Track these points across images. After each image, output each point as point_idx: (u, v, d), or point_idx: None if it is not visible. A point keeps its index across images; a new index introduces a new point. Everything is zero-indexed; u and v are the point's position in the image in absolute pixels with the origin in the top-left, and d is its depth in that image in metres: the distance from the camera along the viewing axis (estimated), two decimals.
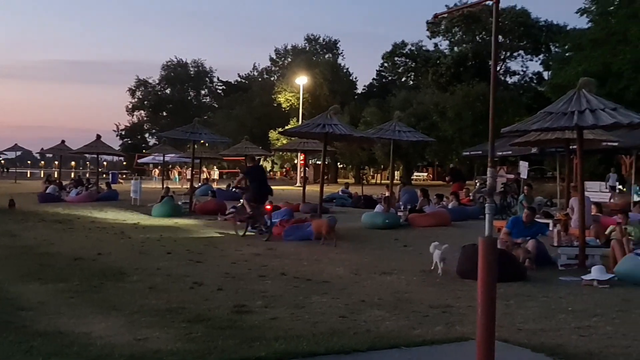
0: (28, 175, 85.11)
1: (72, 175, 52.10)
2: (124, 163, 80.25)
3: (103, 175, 46.96)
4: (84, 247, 13.19)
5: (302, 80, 57.63)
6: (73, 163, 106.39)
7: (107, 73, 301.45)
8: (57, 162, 46.42)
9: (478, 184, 27.78)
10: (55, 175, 40.32)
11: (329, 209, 21.94)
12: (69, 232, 16.36)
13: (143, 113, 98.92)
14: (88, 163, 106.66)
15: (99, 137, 30.69)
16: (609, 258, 10.68)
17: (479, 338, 4.86)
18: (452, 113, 44.94)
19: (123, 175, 65.03)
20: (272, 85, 72.51)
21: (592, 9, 38.31)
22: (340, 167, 71.42)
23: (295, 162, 59.17)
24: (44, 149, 40.86)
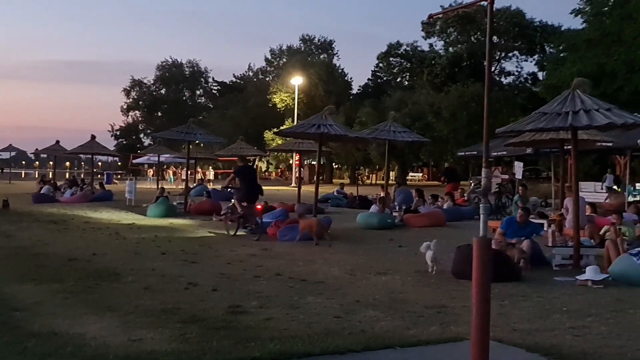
0: (22, 176, 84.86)
1: (66, 176, 52.08)
2: (119, 163, 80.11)
3: (98, 176, 46.83)
4: (79, 247, 13.16)
5: (297, 81, 57.68)
6: (68, 163, 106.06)
7: (101, 73, 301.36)
8: (51, 162, 46.26)
9: (472, 185, 27.86)
10: (50, 176, 40.27)
11: (324, 210, 21.97)
12: (64, 232, 16.32)
13: (138, 113, 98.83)
14: (83, 163, 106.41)
15: (94, 137, 30.70)
16: (603, 258, 10.70)
17: (474, 338, 4.87)
18: (447, 113, 44.99)
19: (118, 176, 64.91)
20: (267, 86, 72.51)
21: (586, 10, 38.35)
22: (336, 167, 71.52)
23: (291, 162, 59.18)
24: (39, 150, 40.77)
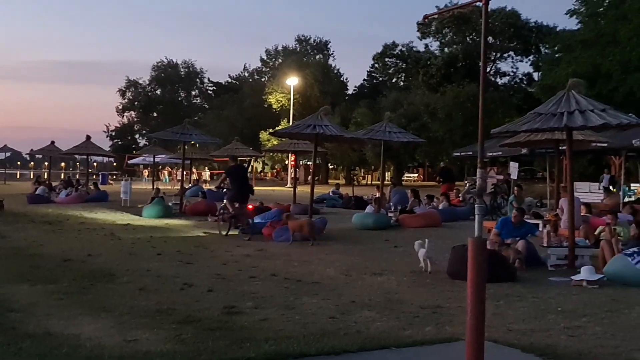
0: (17, 177, 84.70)
1: (61, 176, 51.89)
2: (114, 164, 79.92)
3: (93, 177, 46.77)
4: (74, 248, 13.14)
5: (292, 81, 57.68)
6: (63, 164, 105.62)
7: (97, 74, 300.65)
8: (46, 163, 46.23)
9: (468, 185, 27.87)
10: (45, 176, 40.23)
11: (320, 210, 21.95)
12: (59, 233, 16.29)
13: (133, 114, 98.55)
14: (78, 164, 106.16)
15: (89, 138, 30.64)
16: (598, 258, 10.71)
17: (469, 338, 4.87)
18: (442, 114, 45.02)
19: (113, 176, 64.81)
20: (262, 86, 72.44)
21: (581, 11, 38.45)
22: (331, 167, 71.47)
23: (286, 163, 59.18)
24: (34, 150, 40.71)
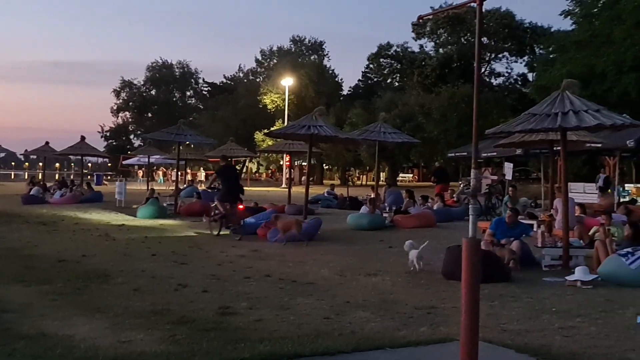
0: (12, 177, 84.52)
1: (56, 177, 51.75)
2: (109, 164, 79.82)
3: (88, 177, 46.64)
4: (68, 249, 13.11)
5: (287, 82, 57.64)
6: (57, 164, 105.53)
7: (91, 74, 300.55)
8: (41, 163, 46.04)
9: (462, 185, 27.91)
10: (39, 177, 40.07)
11: (315, 211, 21.95)
12: (53, 234, 16.26)
13: (128, 114, 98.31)
14: (72, 165, 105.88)
15: (84, 138, 30.56)
16: (593, 259, 10.74)
17: (463, 339, 4.88)
18: (437, 114, 45.03)
19: (108, 177, 64.71)
20: (257, 87, 72.34)
21: (575, 11, 38.46)
22: (326, 168, 71.50)
23: (281, 163, 59.15)
24: (28, 151, 40.60)
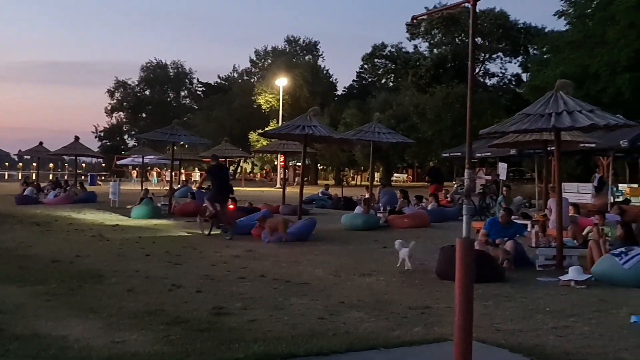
0: (6, 177, 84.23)
1: (50, 177, 51.65)
2: (103, 165, 79.71)
3: (82, 177, 46.57)
4: (62, 249, 13.07)
5: (282, 82, 57.65)
6: (51, 165, 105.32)
7: (85, 74, 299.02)
8: (35, 163, 45.90)
9: (456, 185, 27.97)
10: (33, 177, 39.96)
11: (309, 211, 21.96)
12: (47, 234, 16.20)
13: (122, 114, 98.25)
14: (66, 165, 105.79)
15: (78, 138, 30.54)
16: (586, 259, 10.76)
17: (457, 339, 4.88)
18: (431, 114, 45.08)
19: (102, 177, 64.61)
20: (252, 87, 72.40)
21: (569, 12, 38.53)
22: (320, 168, 71.51)
23: (275, 163, 59.12)
24: (22, 151, 40.46)
